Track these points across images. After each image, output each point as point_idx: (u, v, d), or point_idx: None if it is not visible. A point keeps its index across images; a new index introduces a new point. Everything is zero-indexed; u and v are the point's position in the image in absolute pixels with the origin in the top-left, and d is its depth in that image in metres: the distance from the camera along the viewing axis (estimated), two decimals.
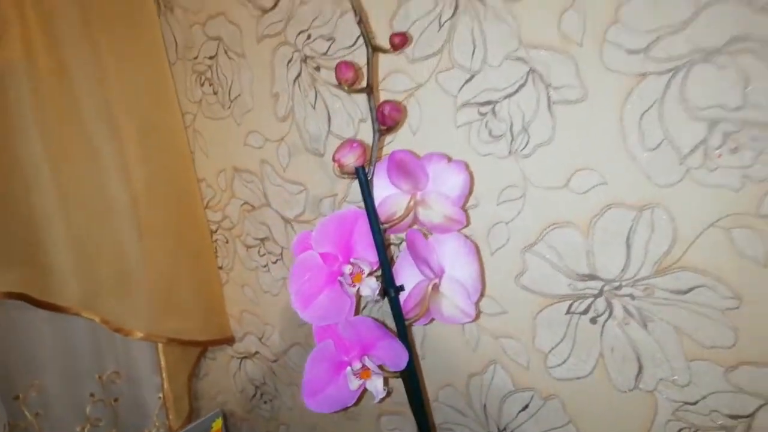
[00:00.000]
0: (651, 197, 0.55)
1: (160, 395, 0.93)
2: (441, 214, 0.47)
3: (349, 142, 0.46)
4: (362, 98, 0.73)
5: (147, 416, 0.93)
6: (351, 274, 0.47)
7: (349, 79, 0.47)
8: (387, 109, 0.46)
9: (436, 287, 0.49)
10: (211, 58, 0.90)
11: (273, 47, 0.81)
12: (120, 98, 0.85)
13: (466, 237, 0.51)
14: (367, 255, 0.48)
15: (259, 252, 0.95)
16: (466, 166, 0.51)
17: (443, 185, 0.47)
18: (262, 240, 0.94)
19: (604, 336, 0.61)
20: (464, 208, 0.48)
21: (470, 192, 0.58)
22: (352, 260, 0.47)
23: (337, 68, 0.48)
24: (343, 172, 0.46)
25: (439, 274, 0.49)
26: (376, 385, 0.48)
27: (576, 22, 0.56)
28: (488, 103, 0.63)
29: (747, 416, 0.54)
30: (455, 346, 0.73)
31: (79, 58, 0.81)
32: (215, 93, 0.92)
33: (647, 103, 0.54)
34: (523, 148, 0.62)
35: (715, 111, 0.51)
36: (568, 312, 0.63)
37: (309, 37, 0.76)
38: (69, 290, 0.85)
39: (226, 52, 0.87)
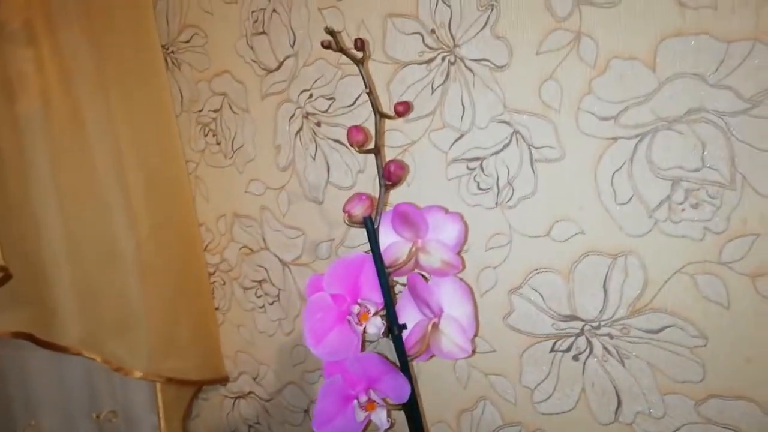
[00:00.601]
0: (624, 246, 0.62)
1: None
2: (439, 260, 0.53)
3: (358, 196, 0.52)
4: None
5: None
6: (358, 313, 0.52)
7: (359, 141, 0.53)
8: (393, 167, 0.52)
9: (435, 326, 0.54)
10: (215, 111, 0.96)
11: (276, 104, 0.87)
12: (130, 148, 0.90)
13: (461, 279, 0.56)
14: (372, 296, 0.53)
15: (256, 294, 0.99)
16: (461, 217, 0.57)
17: (441, 234, 0.53)
18: (260, 282, 0.98)
19: (586, 372, 0.66)
20: (459, 254, 0.54)
21: (465, 240, 0.64)
22: (359, 301, 0.52)
23: (349, 132, 0.54)
24: (352, 221, 0.52)
25: (438, 313, 0.54)
26: (380, 416, 0.52)
27: (554, 92, 0.63)
28: (476, 159, 0.70)
29: None
30: (447, 383, 0.77)
31: (92, 109, 0.86)
32: (218, 143, 0.98)
33: (618, 163, 0.61)
34: (509, 200, 0.68)
35: (677, 171, 0.58)
36: (552, 350, 0.68)
37: (311, 96, 0.82)
38: (73, 331, 0.88)
39: (230, 107, 0.93)
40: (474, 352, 0.55)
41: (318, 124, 0.83)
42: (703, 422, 0.60)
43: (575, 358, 0.67)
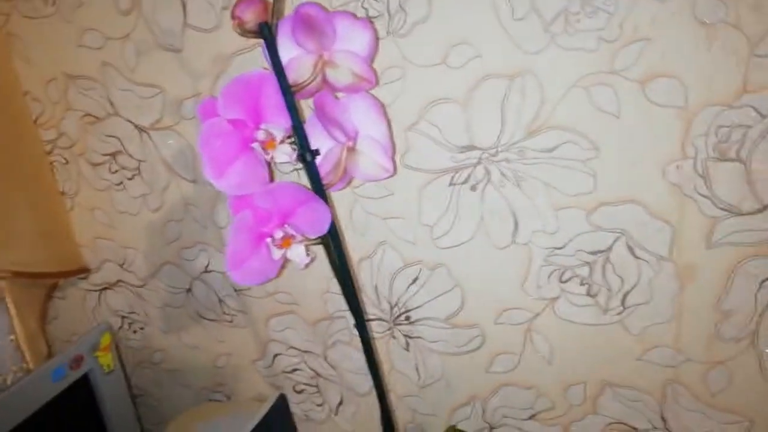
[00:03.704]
0: (521, 65, 0.61)
1: (12, 337, 0.82)
2: (350, 73, 0.47)
3: None
4: None
5: None
6: (263, 140, 0.45)
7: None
8: None
9: (350, 149, 0.49)
10: None
11: None
12: None
13: (374, 95, 0.51)
14: (278, 120, 0.46)
15: (110, 169, 0.86)
16: (371, 22, 0.51)
17: (350, 43, 0.47)
18: (113, 155, 0.85)
19: (484, 200, 0.67)
20: (371, 66, 0.48)
21: (377, 50, 0.58)
22: (262, 126, 0.45)
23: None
24: (244, 30, 0.43)
25: (353, 135, 0.49)
26: (298, 252, 0.47)
27: None
28: None
29: (605, 250, 0.64)
30: (344, 232, 0.74)
31: None
32: None
33: None
34: (401, 28, 0.63)
35: None
36: (450, 184, 0.68)
37: None
38: None
39: None
40: (395, 172, 0.51)
41: None
42: (593, 230, 0.64)
43: (473, 188, 0.67)
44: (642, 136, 0.59)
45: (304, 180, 0.51)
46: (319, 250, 0.58)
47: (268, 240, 0.47)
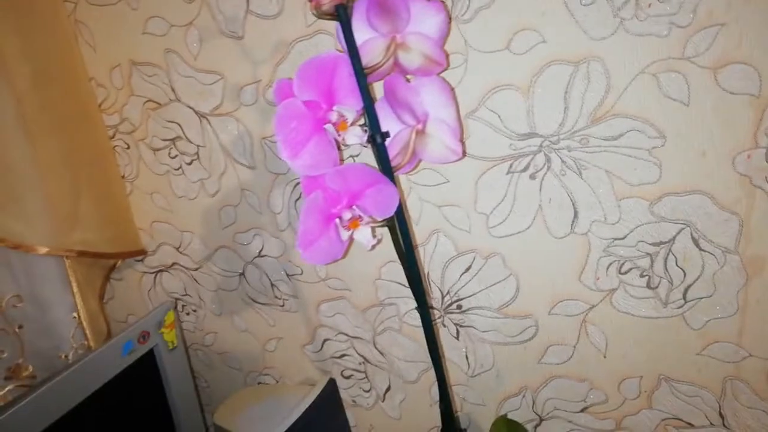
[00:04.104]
0: (587, 51, 0.60)
1: (75, 315, 0.85)
2: (422, 56, 0.47)
3: None
4: None
5: (61, 339, 0.85)
6: (336, 122, 0.45)
7: None
8: None
9: (419, 132, 0.50)
10: None
11: None
12: None
13: (443, 78, 0.51)
14: (350, 102, 0.46)
15: (169, 154, 0.88)
16: (444, 5, 0.51)
17: (422, 25, 0.47)
18: (173, 140, 0.87)
19: (543, 189, 0.66)
20: (443, 48, 0.49)
21: (448, 33, 0.58)
22: (335, 108, 0.46)
23: None
24: (320, 12, 0.44)
25: (423, 118, 0.49)
26: (365, 234, 0.48)
27: None
28: None
29: (668, 241, 0.63)
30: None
31: None
32: None
33: None
34: (464, 13, 0.63)
35: None
36: (508, 172, 0.67)
37: None
38: None
39: None
40: (465, 154, 0.51)
41: None
42: (656, 221, 0.63)
43: (532, 176, 0.67)
44: (711, 125, 0.57)
45: (369, 162, 0.52)
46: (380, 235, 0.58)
47: (337, 221, 0.48)
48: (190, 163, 0.87)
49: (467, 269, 0.74)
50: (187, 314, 1.00)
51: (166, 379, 0.71)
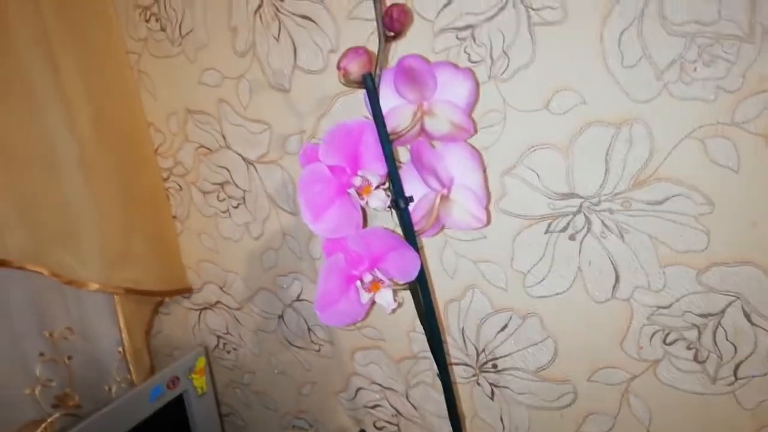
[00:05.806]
0: (629, 113, 0.58)
1: (120, 349, 0.88)
2: (449, 123, 0.47)
3: (354, 49, 0.44)
4: (330, 27, 0.71)
5: (106, 372, 0.89)
6: (360, 186, 0.46)
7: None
8: (395, 13, 0.44)
9: (444, 197, 0.49)
10: None
11: None
12: (56, 30, 0.77)
13: (471, 145, 0.51)
14: (374, 167, 0.47)
15: (218, 197, 0.92)
16: (472, 72, 0.51)
17: (450, 93, 0.47)
18: (221, 184, 0.90)
19: (583, 251, 0.64)
20: (470, 116, 0.48)
21: (476, 100, 0.58)
22: (360, 173, 0.46)
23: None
24: (348, 81, 0.45)
25: (448, 183, 0.49)
26: (386, 297, 0.48)
27: None
28: (467, 27, 0.63)
29: (717, 314, 0.59)
30: (433, 274, 0.74)
31: None
32: (163, 29, 0.86)
33: (627, 22, 0.56)
34: (503, 72, 0.63)
35: (692, 26, 0.53)
36: (547, 231, 0.66)
37: None
38: (12, 242, 0.78)
39: None
40: (489, 219, 0.50)
41: None
42: (704, 291, 0.59)
43: (572, 237, 0.64)
44: (762, 194, 0.54)
45: (394, 222, 0.52)
46: (407, 294, 0.58)
47: (358, 283, 0.48)
48: (236, 207, 0.90)
49: (503, 328, 0.72)
50: (228, 352, 1.01)
51: (194, 425, 0.72)
